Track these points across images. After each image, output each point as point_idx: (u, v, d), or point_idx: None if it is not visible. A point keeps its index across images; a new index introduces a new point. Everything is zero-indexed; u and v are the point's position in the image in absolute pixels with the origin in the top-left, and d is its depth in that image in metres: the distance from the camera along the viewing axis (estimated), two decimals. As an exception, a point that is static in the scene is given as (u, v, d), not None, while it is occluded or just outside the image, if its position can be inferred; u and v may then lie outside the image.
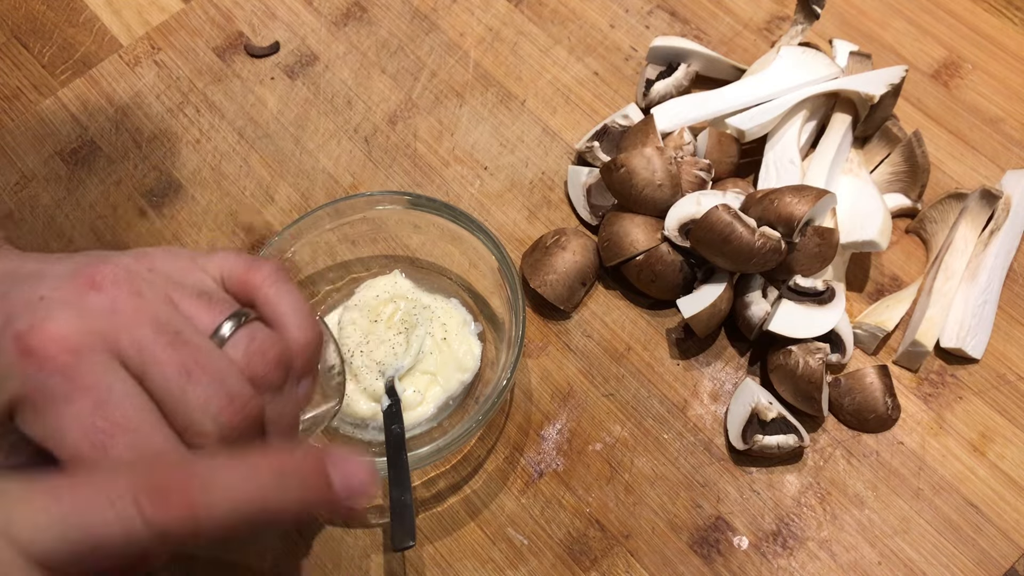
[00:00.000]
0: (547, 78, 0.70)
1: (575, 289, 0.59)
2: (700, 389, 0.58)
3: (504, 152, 0.67)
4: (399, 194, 0.57)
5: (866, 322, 0.58)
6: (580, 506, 0.54)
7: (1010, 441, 0.56)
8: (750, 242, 0.53)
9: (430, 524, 0.54)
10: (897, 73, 0.63)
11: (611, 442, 0.56)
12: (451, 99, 0.69)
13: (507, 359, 0.53)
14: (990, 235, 0.61)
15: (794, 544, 0.53)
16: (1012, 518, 0.54)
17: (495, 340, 0.57)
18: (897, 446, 0.56)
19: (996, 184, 0.63)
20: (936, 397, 0.58)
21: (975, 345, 0.58)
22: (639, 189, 0.58)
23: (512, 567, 0.53)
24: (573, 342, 0.59)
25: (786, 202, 0.54)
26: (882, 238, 0.57)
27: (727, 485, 0.55)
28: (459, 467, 0.56)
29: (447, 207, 0.56)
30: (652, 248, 0.58)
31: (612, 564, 0.53)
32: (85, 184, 0.65)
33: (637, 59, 0.71)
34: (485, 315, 0.59)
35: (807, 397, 0.54)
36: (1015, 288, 0.61)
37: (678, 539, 0.53)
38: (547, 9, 0.73)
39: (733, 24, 0.72)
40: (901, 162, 0.63)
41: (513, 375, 0.52)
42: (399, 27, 0.72)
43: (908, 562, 0.53)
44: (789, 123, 0.63)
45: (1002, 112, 0.68)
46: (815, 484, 0.55)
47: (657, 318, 0.60)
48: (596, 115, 0.68)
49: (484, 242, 0.55)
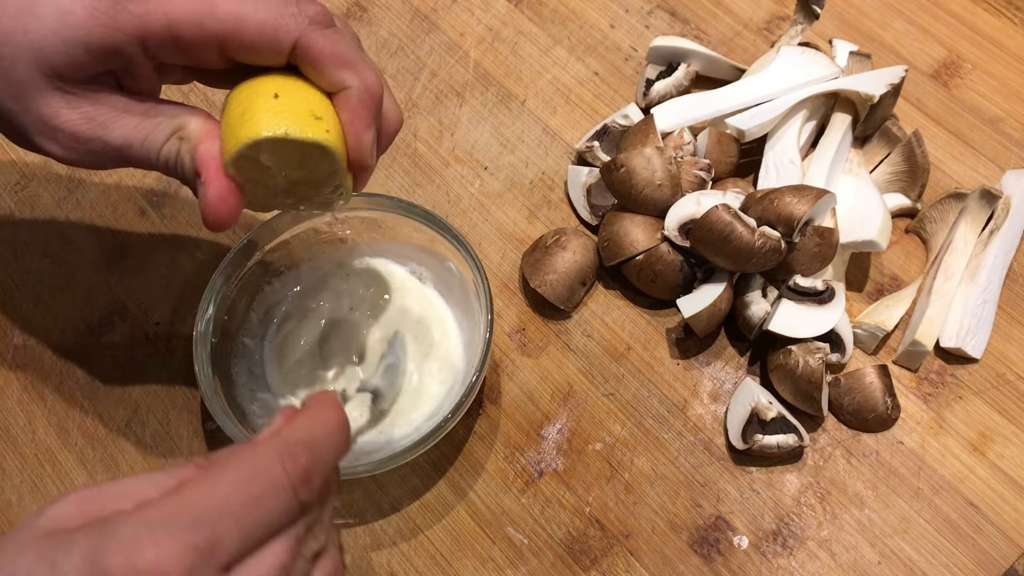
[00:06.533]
0: (547, 78, 0.70)
1: (575, 289, 0.60)
2: (700, 389, 0.58)
3: (504, 152, 0.67)
4: (386, 198, 0.56)
5: (866, 322, 0.58)
6: (580, 506, 0.54)
7: (1010, 441, 0.56)
8: (750, 242, 0.53)
9: (430, 523, 0.54)
10: (897, 73, 0.63)
11: (611, 442, 0.56)
12: (451, 99, 0.69)
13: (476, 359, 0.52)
14: (990, 235, 0.61)
15: (794, 544, 0.53)
16: (1012, 518, 0.54)
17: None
18: (897, 446, 0.56)
19: (996, 184, 0.63)
20: (936, 397, 0.58)
21: (975, 345, 0.58)
22: (639, 189, 0.58)
23: (512, 567, 0.53)
24: (573, 342, 0.60)
25: (786, 202, 0.54)
26: (882, 238, 0.57)
27: (727, 485, 0.55)
28: (459, 467, 0.56)
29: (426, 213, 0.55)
30: (652, 248, 0.58)
31: (612, 563, 0.53)
32: (85, 184, 0.65)
33: (637, 59, 0.71)
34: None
35: (807, 397, 0.55)
36: (1015, 288, 0.61)
37: (678, 539, 0.54)
38: (547, 9, 0.73)
39: (733, 24, 0.72)
40: (901, 162, 0.63)
41: (477, 384, 0.51)
42: (399, 27, 0.72)
43: (908, 562, 0.53)
44: (789, 123, 0.63)
45: (1002, 112, 0.68)
46: (815, 484, 0.55)
47: (657, 318, 0.60)
48: (596, 115, 0.68)
49: (461, 253, 0.54)
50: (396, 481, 0.55)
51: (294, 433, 0.35)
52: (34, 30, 0.37)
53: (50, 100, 0.38)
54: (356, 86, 0.40)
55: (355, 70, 0.40)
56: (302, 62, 0.40)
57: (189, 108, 0.41)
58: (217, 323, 0.53)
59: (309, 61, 0.39)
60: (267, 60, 0.40)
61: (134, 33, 0.37)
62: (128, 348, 0.59)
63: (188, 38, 0.38)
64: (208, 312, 0.52)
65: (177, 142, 0.40)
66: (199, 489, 0.31)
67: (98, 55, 0.38)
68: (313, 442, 0.35)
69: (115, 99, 0.40)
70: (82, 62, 0.38)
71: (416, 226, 0.55)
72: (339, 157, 0.41)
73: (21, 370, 0.59)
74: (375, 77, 0.41)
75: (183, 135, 0.40)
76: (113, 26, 0.37)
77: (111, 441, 0.57)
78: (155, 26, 0.37)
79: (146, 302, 0.61)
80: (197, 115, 0.41)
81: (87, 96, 0.39)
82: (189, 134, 0.40)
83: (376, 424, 0.54)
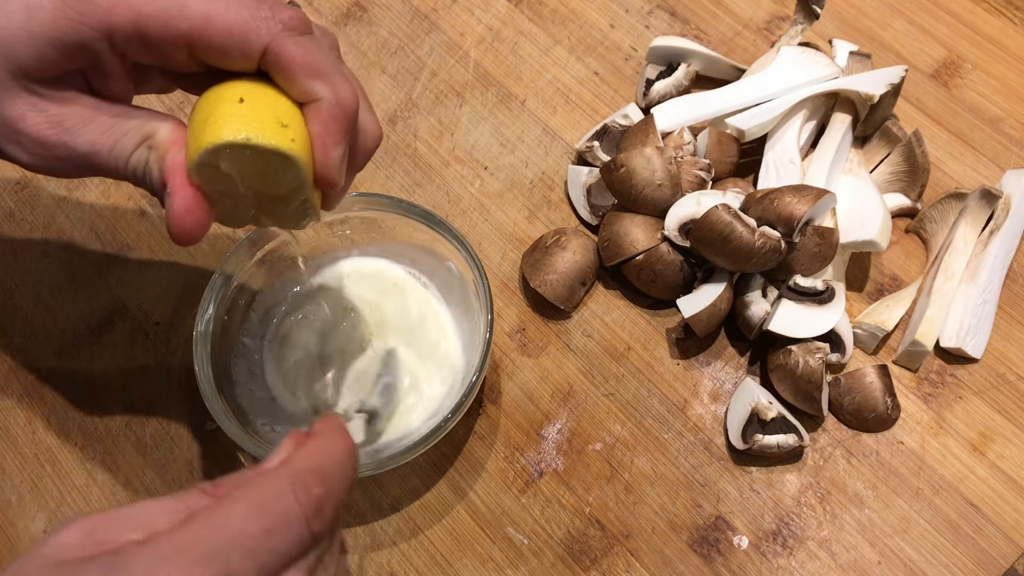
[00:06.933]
0: (547, 78, 0.70)
1: (575, 289, 0.60)
2: (700, 389, 0.58)
3: (504, 152, 0.67)
4: (384, 197, 0.56)
5: (866, 322, 0.58)
6: (580, 506, 0.54)
7: (1010, 441, 0.56)
8: (750, 242, 0.53)
9: (430, 523, 0.54)
10: (897, 73, 0.63)
11: (611, 442, 0.56)
12: (451, 99, 0.69)
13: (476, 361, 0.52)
14: (990, 235, 0.61)
15: (794, 544, 0.53)
16: (1012, 518, 0.54)
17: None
18: (897, 446, 0.56)
19: (996, 184, 0.63)
20: (936, 397, 0.58)
21: (975, 345, 0.58)
22: (639, 189, 0.58)
23: (512, 567, 0.53)
24: (573, 342, 0.60)
25: (786, 202, 0.54)
26: (882, 238, 0.57)
27: (727, 485, 0.55)
28: (459, 467, 0.56)
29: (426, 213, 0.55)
30: (652, 248, 0.58)
31: (612, 563, 0.53)
32: (85, 184, 0.65)
33: (637, 59, 0.71)
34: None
35: (807, 397, 0.55)
36: (1015, 288, 0.61)
37: (678, 539, 0.54)
38: (547, 9, 0.73)
39: (733, 24, 0.72)
40: (901, 162, 0.63)
41: (477, 384, 0.51)
42: (399, 27, 0.72)
43: (908, 562, 0.53)
44: (789, 123, 0.63)
45: (1002, 112, 0.68)
46: (815, 484, 0.55)
47: (657, 318, 0.60)
48: (596, 115, 0.68)
49: (461, 253, 0.54)
50: (396, 481, 0.55)
51: (305, 462, 0.34)
52: (1, 27, 0.36)
53: (16, 101, 0.37)
54: (328, 98, 0.38)
55: (328, 81, 0.38)
56: (272, 69, 0.38)
57: (160, 115, 0.40)
58: (217, 323, 0.53)
59: (279, 68, 0.38)
60: (237, 65, 0.38)
61: (100, 28, 0.37)
62: (128, 348, 0.59)
63: (155, 35, 0.37)
64: (208, 312, 0.52)
65: (146, 151, 0.39)
66: (211, 520, 0.31)
67: (64, 51, 0.37)
68: (324, 471, 0.34)
69: (84, 101, 0.39)
70: (49, 58, 0.37)
71: (416, 226, 0.55)
72: (304, 170, 0.38)
73: (21, 370, 0.59)
74: (350, 90, 0.39)
75: (152, 143, 0.39)
76: (79, 20, 0.36)
77: (111, 441, 0.57)
78: (121, 21, 0.37)
79: (146, 302, 0.61)
80: (167, 122, 0.39)
81: (54, 98, 0.38)
82: (158, 142, 0.39)
83: (372, 443, 0.54)
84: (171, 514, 0.32)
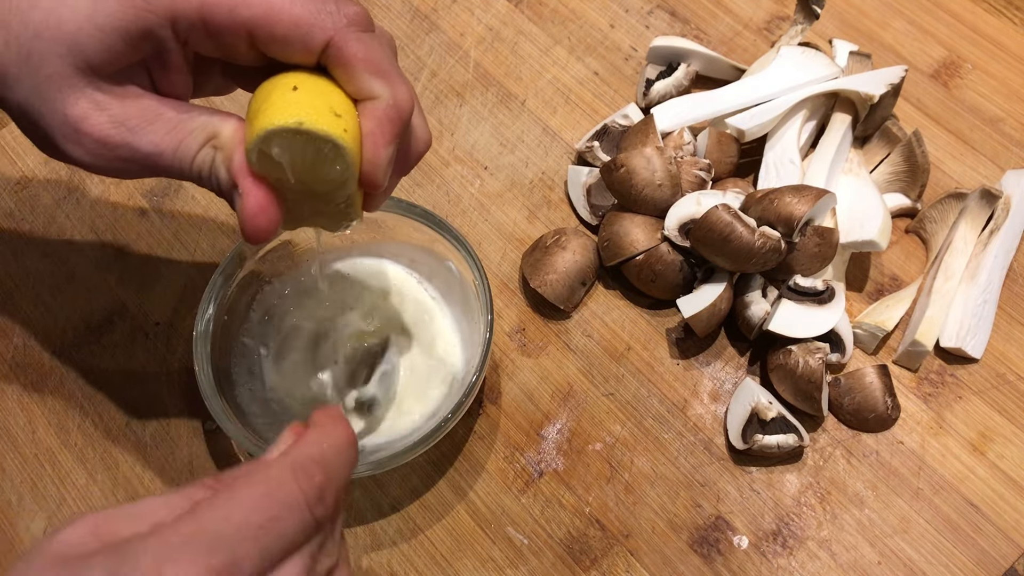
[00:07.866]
0: (547, 78, 0.70)
1: (575, 289, 0.60)
2: (700, 389, 0.58)
3: (504, 152, 0.67)
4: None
5: (866, 322, 0.58)
6: (580, 506, 0.54)
7: (1010, 441, 0.56)
8: (750, 242, 0.53)
9: (430, 523, 0.54)
10: (897, 73, 0.63)
11: (611, 442, 0.56)
12: (451, 99, 0.69)
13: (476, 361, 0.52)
14: (990, 235, 0.61)
15: (794, 544, 0.53)
16: (1012, 518, 0.54)
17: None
18: (897, 446, 0.56)
19: (996, 184, 0.63)
20: (936, 397, 0.58)
21: (975, 345, 0.58)
22: (639, 189, 0.58)
23: (512, 567, 0.53)
24: (573, 342, 0.60)
25: (786, 202, 0.54)
26: (882, 238, 0.57)
27: (727, 485, 0.55)
28: (459, 467, 0.56)
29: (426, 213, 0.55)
30: (652, 248, 0.58)
31: (612, 563, 0.53)
32: (85, 184, 0.65)
33: (637, 59, 0.71)
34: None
35: (807, 397, 0.55)
36: (1015, 288, 0.61)
37: (678, 539, 0.54)
38: (547, 9, 0.73)
39: (733, 24, 0.72)
40: (901, 162, 0.63)
41: (477, 384, 0.51)
42: (399, 27, 0.72)
43: (908, 562, 0.53)
44: (789, 123, 0.63)
45: (1002, 112, 0.68)
46: (815, 484, 0.55)
47: (657, 318, 0.60)
48: (596, 115, 0.68)
49: (461, 253, 0.54)
50: (396, 481, 0.55)
51: (305, 451, 0.35)
52: (68, 20, 0.36)
53: (79, 99, 0.37)
54: (385, 97, 0.38)
55: (387, 80, 0.38)
56: (332, 64, 0.38)
57: (222, 113, 0.39)
58: (217, 323, 0.53)
59: (340, 64, 0.38)
60: (298, 57, 0.38)
61: (165, 14, 0.37)
62: (128, 348, 0.59)
63: (219, 23, 0.37)
64: (208, 312, 0.52)
65: (211, 151, 0.38)
66: (215, 510, 0.31)
67: (131, 41, 0.37)
68: (325, 459, 0.35)
69: (146, 101, 0.38)
70: (116, 50, 0.37)
71: (416, 226, 0.55)
72: (353, 164, 0.38)
73: (21, 370, 0.59)
74: (407, 92, 0.39)
75: (217, 143, 0.38)
76: (145, 7, 0.36)
77: (111, 441, 0.57)
78: (186, 7, 0.37)
79: (146, 302, 0.61)
80: (230, 120, 0.39)
81: (116, 94, 0.38)
82: (223, 142, 0.38)
83: (373, 431, 0.54)
84: (175, 508, 0.32)
